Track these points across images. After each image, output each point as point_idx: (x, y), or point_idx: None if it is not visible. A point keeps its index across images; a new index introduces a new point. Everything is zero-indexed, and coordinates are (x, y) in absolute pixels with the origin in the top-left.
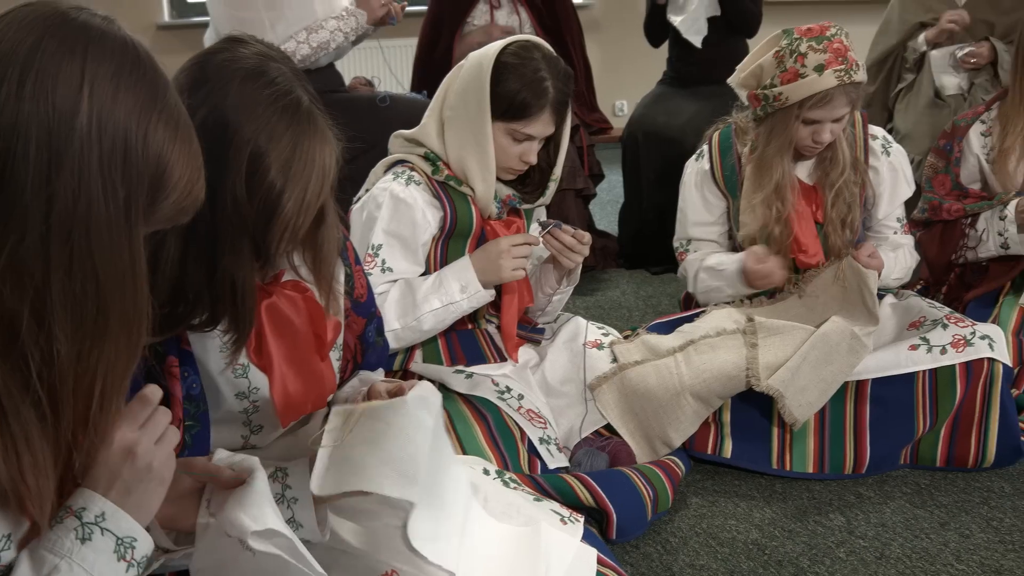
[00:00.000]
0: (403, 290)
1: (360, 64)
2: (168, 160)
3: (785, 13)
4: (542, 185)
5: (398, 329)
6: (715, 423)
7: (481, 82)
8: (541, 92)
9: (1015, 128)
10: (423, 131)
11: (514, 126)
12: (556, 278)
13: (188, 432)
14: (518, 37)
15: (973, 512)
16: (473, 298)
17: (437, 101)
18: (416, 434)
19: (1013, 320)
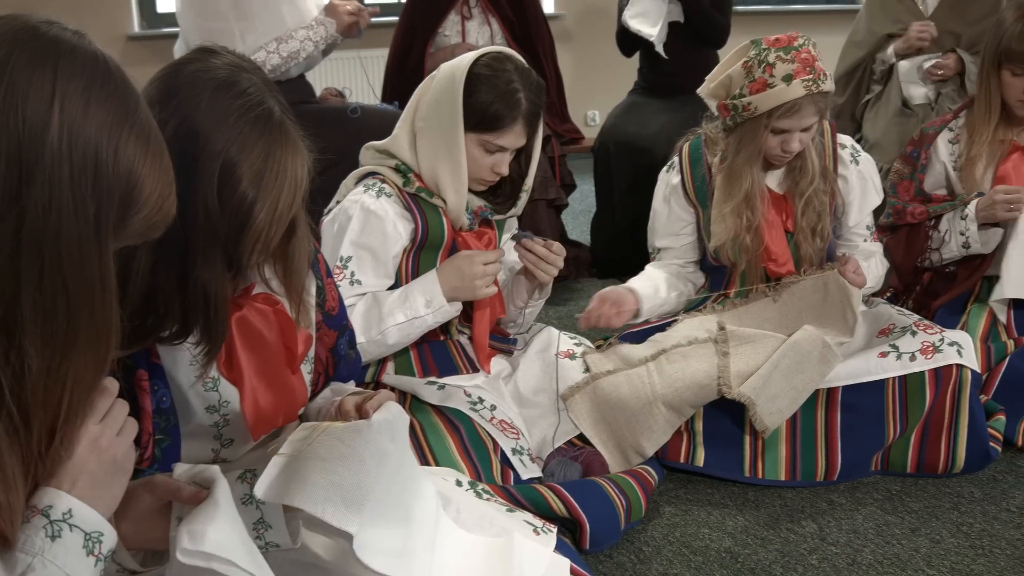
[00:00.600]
0: (369, 304)
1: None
2: (139, 175)
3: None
4: (513, 196)
5: (363, 343)
6: (687, 432)
7: (454, 93)
8: (514, 104)
9: (981, 137)
10: (395, 142)
11: (486, 137)
12: (528, 291)
13: (159, 446)
14: (491, 48)
15: (944, 518)
16: (438, 313)
17: (409, 111)
18: (372, 462)
19: (981, 327)
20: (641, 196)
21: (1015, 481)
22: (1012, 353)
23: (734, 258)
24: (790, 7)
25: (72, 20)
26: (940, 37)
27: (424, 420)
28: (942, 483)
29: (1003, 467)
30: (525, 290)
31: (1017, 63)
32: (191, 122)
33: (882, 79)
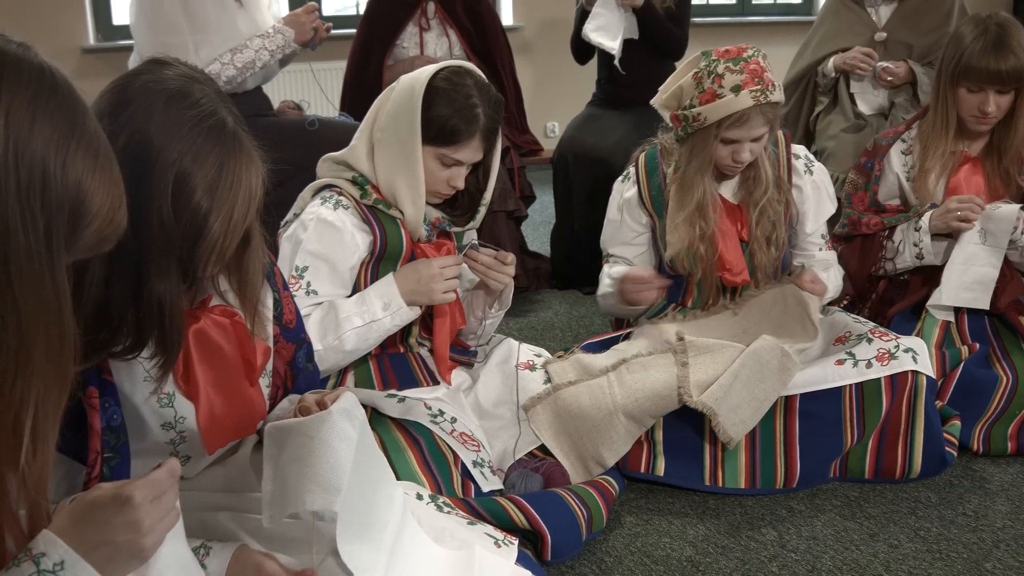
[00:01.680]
0: (325, 311)
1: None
2: (88, 188)
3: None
4: (472, 209)
5: (320, 350)
6: (648, 442)
7: (413, 106)
8: (472, 119)
9: (936, 150)
10: (352, 153)
11: (443, 151)
12: (487, 302)
13: (107, 464)
14: (451, 63)
15: (901, 523)
16: (396, 315)
17: (367, 123)
18: (340, 444)
19: (936, 333)
20: (600, 207)
21: (971, 485)
22: (966, 359)
23: (689, 267)
24: (747, 18)
25: (27, 32)
26: (892, 48)
27: (384, 434)
28: (899, 488)
29: (959, 472)
30: (484, 301)
31: (974, 80)
32: (144, 133)
33: (827, 91)
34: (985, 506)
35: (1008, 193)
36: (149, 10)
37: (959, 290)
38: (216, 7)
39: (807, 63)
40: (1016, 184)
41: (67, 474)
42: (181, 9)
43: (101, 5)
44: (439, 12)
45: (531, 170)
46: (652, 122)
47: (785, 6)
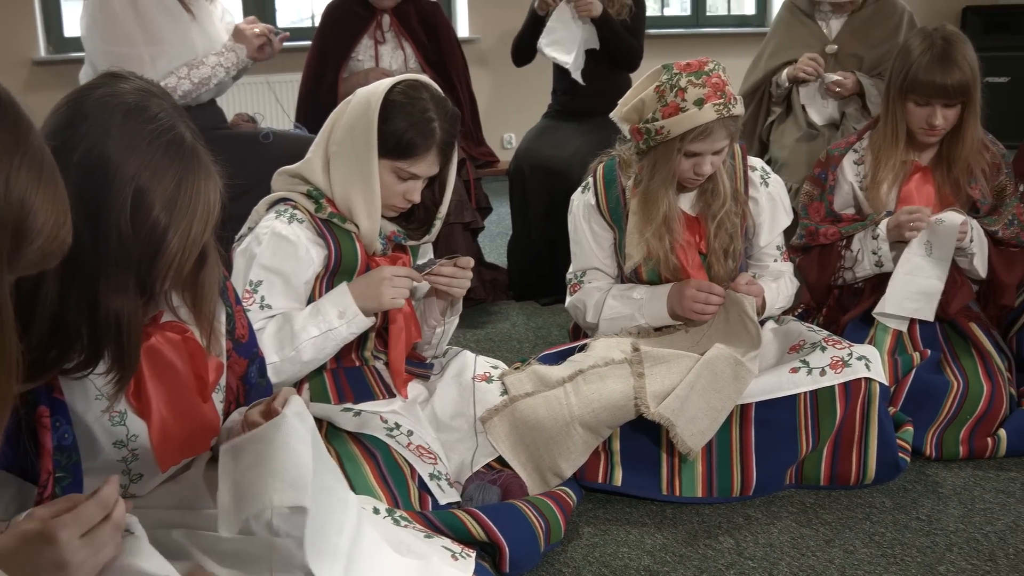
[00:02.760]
0: (280, 323)
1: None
2: (32, 205)
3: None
4: (427, 223)
5: (277, 362)
6: (605, 452)
7: (369, 119)
8: (428, 132)
9: (887, 161)
10: (308, 166)
11: (399, 164)
12: (440, 309)
13: (59, 484)
14: (407, 76)
15: (856, 528)
16: (352, 323)
17: (323, 136)
18: (298, 445)
19: (888, 340)
20: (557, 218)
21: (924, 490)
22: (918, 365)
23: (649, 279)
24: (701, 30)
25: None
26: (843, 60)
27: (340, 447)
28: (854, 494)
29: (912, 477)
30: (436, 308)
31: (921, 94)
32: (101, 148)
33: (780, 101)
34: (938, 510)
35: (958, 201)
36: (102, 21)
37: (902, 299)
38: (169, 19)
39: (761, 75)
40: (966, 193)
41: (18, 493)
42: (135, 20)
43: (52, 17)
44: (394, 25)
45: (487, 181)
46: (608, 133)
47: (739, 18)
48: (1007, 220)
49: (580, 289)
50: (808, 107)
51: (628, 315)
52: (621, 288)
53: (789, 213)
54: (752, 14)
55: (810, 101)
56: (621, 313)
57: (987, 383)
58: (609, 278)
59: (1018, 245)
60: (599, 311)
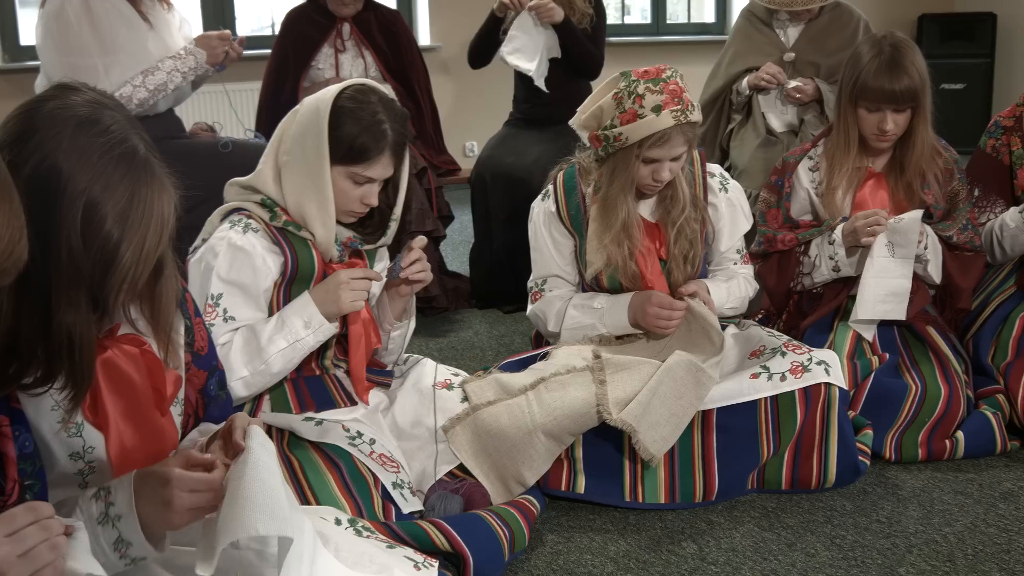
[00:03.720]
0: (246, 336)
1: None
2: None
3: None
4: (382, 226)
5: (247, 376)
6: (568, 459)
7: (319, 127)
8: (380, 135)
9: (841, 167)
10: (259, 177)
11: (355, 169)
12: (395, 312)
13: (29, 491)
14: (353, 81)
15: (818, 532)
16: (318, 332)
17: (272, 146)
18: (269, 476)
19: (847, 345)
20: (519, 226)
21: (884, 493)
22: (877, 369)
23: (611, 286)
24: (661, 38)
25: None
26: (800, 67)
27: (302, 457)
28: (815, 498)
29: (872, 480)
30: (391, 312)
31: (871, 100)
32: (52, 161)
33: (741, 108)
34: (898, 512)
35: (912, 206)
36: (56, 32)
37: (875, 303)
38: (126, 28)
39: (721, 83)
40: (919, 198)
41: None
42: (90, 31)
43: (8, 25)
44: (354, 33)
45: (450, 189)
46: (569, 140)
47: (698, 26)
48: (961, 225)
49: (541, 297)
50: (768, 114)
51: (589, 325)
52: (582, 297)
53: (749, 218)
54: (712, 22)
55: (770, 108)
56: (582, 323)
57: (944, 386)
58: (570, 285)
59: (972, 249)
60: (560, 320)
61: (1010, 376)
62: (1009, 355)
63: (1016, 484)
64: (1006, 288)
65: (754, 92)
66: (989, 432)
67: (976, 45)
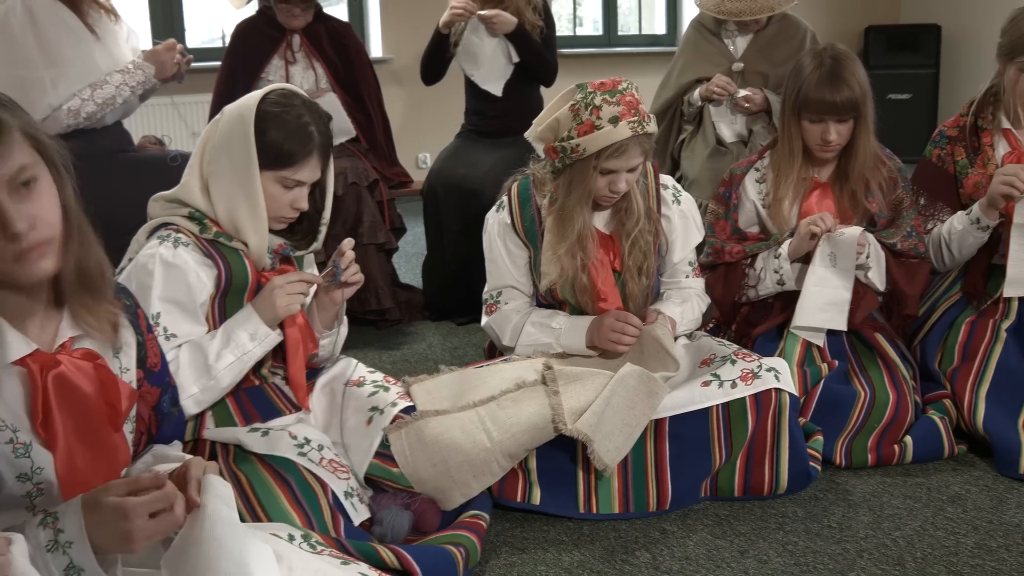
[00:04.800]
0: (192, 353)
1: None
2: None
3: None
4: (312, 232)
5: (197, 393)
6: (522, 471)
7: (245, 133)
8: (307, 138)
9: (787, 178)
10: (185, 190)
11: (284, 173)
12: (325, 322)
13: None
14: (275, 86)
15: (770, 538)
16: (264, 342)
17: (196, 157)
18: (229, 537)
19: (797, 352)
20: (472, 238)
21: (835, 498)
22: (826, 376)
23: (565, 297)
24: (613, 49)
25: None
26: (748, 78)
27: (250, 473)
28: (768, 504)
29: (823, 485)
30: (320, 321)
31: (813, 111)
32: None
33: (692, 119)
34: (849, 517)
35: (856, 215)
36: (1, 44)
37: (814, 312)
38: (71, 40)
39: (672, 93)
40: (863, 207)
41: None
42: (35, 43)
43: None
44: (305, 45)
45: (402, 202)
46: (521, 152)
47: (650, 37)
48: (905, 232)
49: (497, 310)
50: (718, 124)
51: (546, 344)
52: (541, 315)
53: (701, 230)
54: (663, 33)
55: (720, 118)
56: (539, 341)
57: (893, 392)
58: (525, 297)
59: (918, 256)
60: (517, 335)
61: (956, 381)
62: (955, 360)
63: (963, 487)
64: (952, 295)
65: (705, 103)
66: (937, 437)
67: (922, 56)
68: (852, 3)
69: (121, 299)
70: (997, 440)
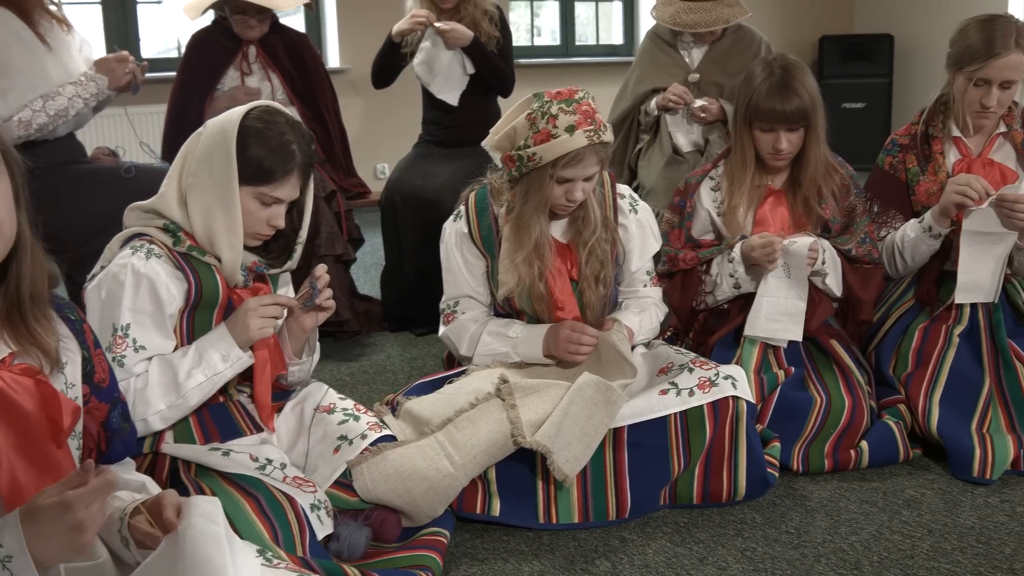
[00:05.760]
0: (162, 369)
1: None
2: None
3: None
4: (287, 251)
5: (164, 410)
6: (482, 482)
7: (227, 148)
8: (288, 155)
9: (741, 186)
10: (162, 200)
11: (262, 190)
12: (295, 348)
13: None
14: (260, 103)
15: (728, 545)
16: (236, 365)
17: (176, 169)
18: (215, 554)
19: (754, 360)
20: (430, 248)
21: (792, 504)
22: (783, 383)
23: (522, 306)
24: (570, 59)
25: None
26: (704, 88)
27: (213, 485)
28: (726, 511)
29: (781, 491)
30: (290, 348)
31: (764, 121)
32: None
33: (649, 129)
34: (806, 523)
35: (810, 222)
36: None
37: (767, 322)
38: (23, 51)
39: (629, 104)
40: (817, 214)
41: None
42: None
43: None
44: (260, 56)
45: (360, 212)
46: (479, 161)
47: (607, 47)
48: (859, 238)
49: (454, 319)
50: (675, 133)
51: (503, 353)
52: (498, 324)
53: (658, 239)
54: (620, 44)
55: (677, 128)
56: (496, 350)
57: (848, 398)
58: (482, 306)
59: (872, 262)
60: (474, 345)
61: (911, 386)
62: (909, 366)
63: (918, 491)
64: (905, 301)
65: (662, 112)
66: (892, 441)
67: (875, 65)
68: (806, 14)
69: (66, 313)
70: (951, 444)
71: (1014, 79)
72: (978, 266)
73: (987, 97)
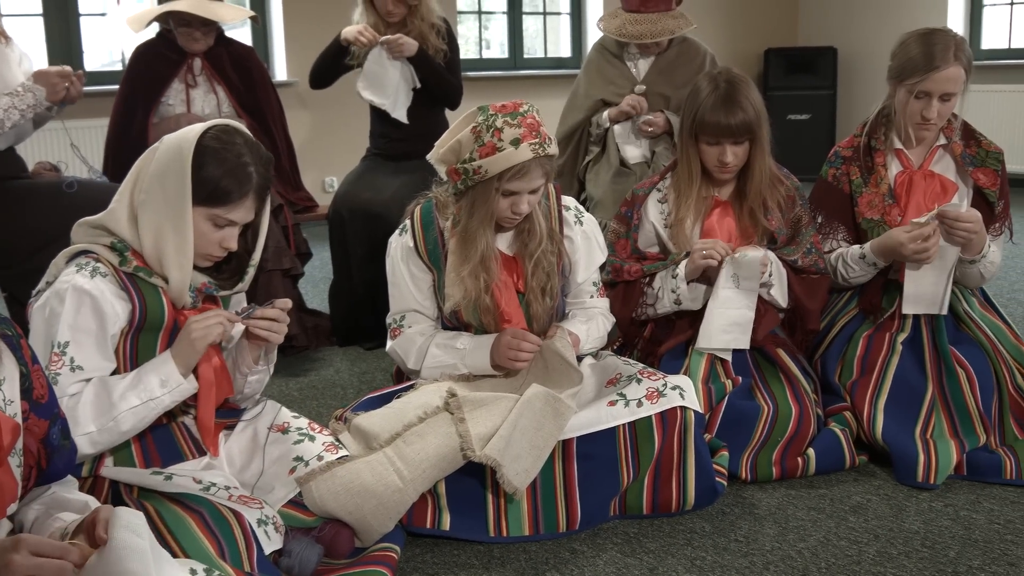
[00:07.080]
0: (97, 389)
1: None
2: None
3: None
4: (239, 272)
5: (93, 432)
6: (432, 496)
7: (182, 166)
8: (245, 178)
9: (687, 198)
10: (111, 216)
11: (216, 212)
12: (253, 357)
13: None
14: (217, 121)
15: (678, 554)
16: (175, 391)
17: (128, 185)
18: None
19: (702, 369)
20: (378, 262)
21: (741, 512)
22: (730, 392)
23: (469, 319)
24: (518, 72)
25: None
26: (650, 99)
27: (157, 504)
28: (676, 521)
29: (730, 500)
30: (249, 356)
31: (710, 134)
32: None
33: (599, 141)
34: (755, 531)
35: (757, 233)
36: None
37: (718, 333)
38: None
39: (580, 116)
40: (763, 224)
41: None
42: None
43: None
44: (206, 68)
45: (308, 226)
46: (427, 175)
47: (555, 60)
48: (805, 249)
49: (401, 334)
50: (622, 146)
51: (451, 364)
52: (445, 336)
53: (604, 250)
54: (568, 56)
55: (624, 140)
56: (444, 362)
57: (795, 406)
58: (429, 320)
59: (818, 272)
60: (422, 358)
61: (856, 393)
62: (854, 373)
63: (864, 497)
64: (850, 310)
65: (613, 124)
66: (838, 448)
67: (819, 77)
68: (751, 26)
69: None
70: (896, 450)
71: (953, 92)
72: (924, 278)
73: (928, 109)
